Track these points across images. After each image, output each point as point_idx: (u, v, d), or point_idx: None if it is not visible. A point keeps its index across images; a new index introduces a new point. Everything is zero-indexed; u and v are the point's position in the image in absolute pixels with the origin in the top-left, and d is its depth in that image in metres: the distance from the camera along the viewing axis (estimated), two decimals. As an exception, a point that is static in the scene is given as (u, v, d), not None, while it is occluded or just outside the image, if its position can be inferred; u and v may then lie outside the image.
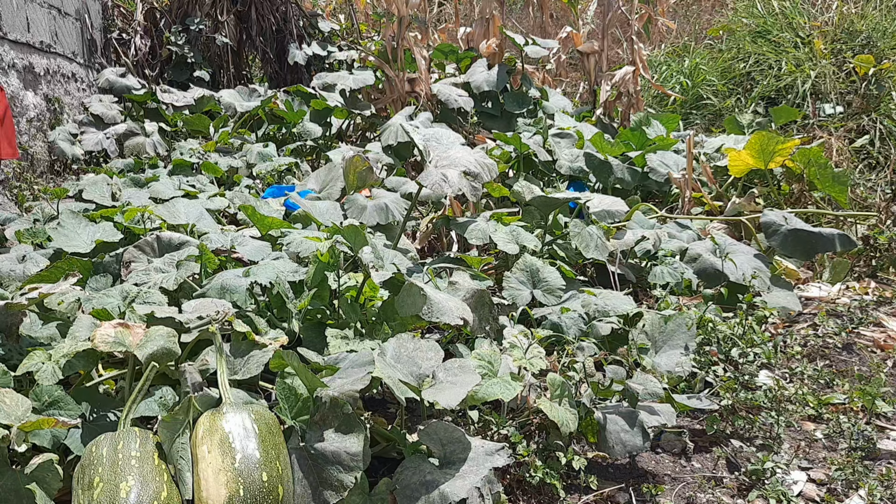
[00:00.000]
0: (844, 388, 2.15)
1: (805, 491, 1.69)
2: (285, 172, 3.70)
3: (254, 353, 1.56)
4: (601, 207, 2.91)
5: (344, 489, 1.31)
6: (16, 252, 2.27)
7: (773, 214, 2.85)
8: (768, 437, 1.89)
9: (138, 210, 2.50)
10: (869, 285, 3.05)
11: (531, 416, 1.73)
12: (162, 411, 1.48)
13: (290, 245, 2.05)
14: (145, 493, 1.23)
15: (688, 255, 2.67)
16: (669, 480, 1.73)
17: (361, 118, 4.64)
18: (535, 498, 1.60)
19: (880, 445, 1.87)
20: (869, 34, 5.29)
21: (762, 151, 3.30)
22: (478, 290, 1.95)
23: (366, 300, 1.89)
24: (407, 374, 1.52)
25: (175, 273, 1.92)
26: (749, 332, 2.15)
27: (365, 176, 2.70)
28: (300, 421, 1.38)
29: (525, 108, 4.47)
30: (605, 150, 3.68)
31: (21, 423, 1.28)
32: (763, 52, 5.61)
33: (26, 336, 1.72)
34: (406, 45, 4.53)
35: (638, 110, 4.69)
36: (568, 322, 2.15)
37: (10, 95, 3.61)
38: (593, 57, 4.89)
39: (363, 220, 2.63)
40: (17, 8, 3.71)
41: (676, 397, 1.86)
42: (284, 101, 4.61)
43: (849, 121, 4.80)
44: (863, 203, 3.75)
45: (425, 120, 3.78)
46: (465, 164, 2.39)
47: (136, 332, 1.51)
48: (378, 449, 1.58)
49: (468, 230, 2.59)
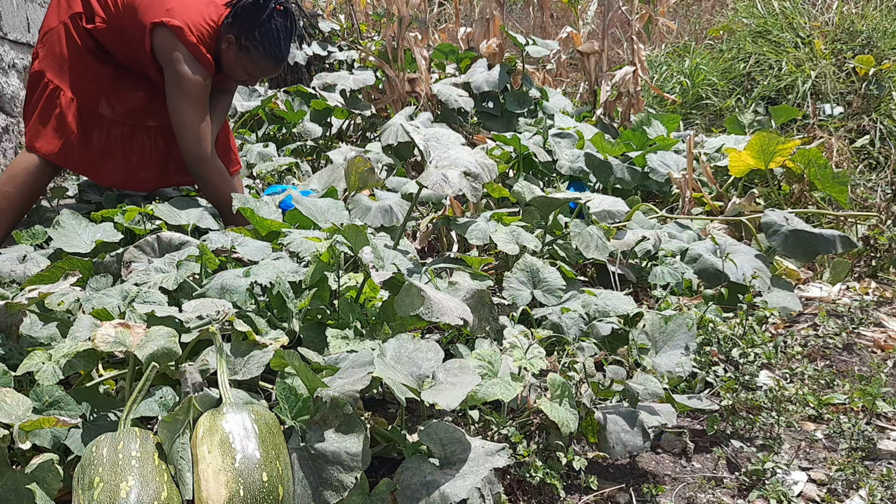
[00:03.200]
0: (845, 389, 2.15)
1: (805, 491, 1.69)
2: (285, 172, 3.70)
3: (254, 353, 1.56)
4: (601, 207, 2.90)
5: (344, 489, 1.31)
6: (16, 252, 2.27)
7: (773, 215, 2.85)
8: (769, 437, 1.89)
9: (138, 210, 2.50)
10: (869, 285, 3.05)
11: (531, 416, 1.73)
12: (162, 411, 1.48)
13: (290, 245, 2.05)
14: (145, 493, 1.23)
15: (688, 255, 2.67)
16: (670, 480, 1.73)
17: (361, 118, 4.64)
18: (536, 498, 1.60)
19: (881, 446, 1.87)
20: (869, 34, 5.29)
21: (763, 152, 3.30)
22: (478, 291, 1.95)
23: (366, 300, 1.89)
24: (407, 375, 1.52)
25: (175, 273, 1.92)
26: (749, 333, 2.16)
27: (366, 177, 2.70)
28: (300, 421, 1.38)
29: (525, 108, 4.47)
30: (606, 150, 3.68)
31: (22, 422, 1.28)
32: (763, 52, 5.61)
33: (26, 336, 1.72)
34: (406, 45, 4.53)
35: (638, 110, 4.69)
36: (568, 322, 2.15)
37: (10, 95, 3.61)
38: (593, 57, 4.89)
39: (367, 221, 2.63)
40: (17, 8, 3.72)
41: (677, 397, 1.86)
42: (284, 100, 4.61)
43: (849, 121, 4.80)
44: (863, 203, 3.75)
45: (425, 120, 3.78)
46: (465, 165, 2.39)
47: (136, 332, 1.51)
48: (378, 449, 1.58)
49: (468, 230, 2.59)
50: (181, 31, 2.53)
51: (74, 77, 2.66)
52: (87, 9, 2.63)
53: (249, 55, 2.65)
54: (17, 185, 2.65)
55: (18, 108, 3.70)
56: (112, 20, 2.63)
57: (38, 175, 2.69)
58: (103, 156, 2.78)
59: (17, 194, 2.65)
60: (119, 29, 2.64)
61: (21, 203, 2.68)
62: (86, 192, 3.13)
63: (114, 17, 2.63)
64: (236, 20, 2.60)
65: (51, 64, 2.65)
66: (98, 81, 2.70)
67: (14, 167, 2.70)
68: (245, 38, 2.61)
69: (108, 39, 2.67)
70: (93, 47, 2.67)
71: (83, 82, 2.68)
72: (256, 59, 2.65)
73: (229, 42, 2.63)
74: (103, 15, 2.63)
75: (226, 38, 2.63)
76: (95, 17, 2.63)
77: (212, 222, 2.49)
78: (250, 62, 2.67)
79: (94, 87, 2.69)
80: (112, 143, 2.78)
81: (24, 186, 2.66)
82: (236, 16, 2.60)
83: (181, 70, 2.55)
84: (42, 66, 2.65)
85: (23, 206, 2.70)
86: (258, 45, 2.62)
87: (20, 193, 2.66)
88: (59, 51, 2.64)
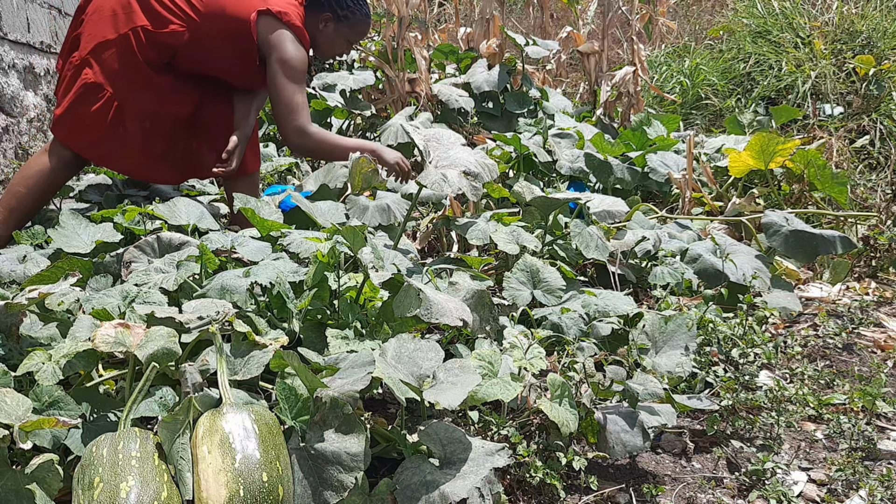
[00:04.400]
0: (845, 389, 2.15)
1: (805, 491, 1.69)
2: (285, 172, 3.70)
3: (254, 353, 1.56)
4: (601, 208, 2.91)
5: (344, 489, 1.31)
6: (16, 252, 2.27)
7: (774, 215, 2.85)
8: (769, 437, 1.89)
9: (139, 210, 2.50)
10: (869, 286, 3.05)
11: (531, 416, 1.73)
12: (162, 411, 1.48)
13: (290, 245, 2.05)
14: (145, 494, 1.23)
15: (688, 255, 2.67)
16: (670, 481, 1.73)
17: (361, 118, 4.63)
18: (536, 498, 1.60)
19: (881, 446, 1.87)
20: (869, 34, 5.30)
21: (763, 152, 3.30)
22: (478, 291, 1.95)
23: (366, 300, 1.89)
24: (407, 375, 1.52)
25: (175, 273, 1.92)
26: (749, 333, 2.16)
27: (370, 177, 2.70)
28: (300, 421, 1.38)
29: (525, 108, 4.47)
30: (606, 150, 3.68)
31: (22, 422, 1.28)
32: (763, 52, 5.61)
33: (26, 336, 1.72)
34: (406, 45, 4.53)
35: (638, 110, 4.69)
36: (568, 322, 2.15)
37: (11, 95, 3.61)
38: (593, 57, 4.89)
39: (365, 220, 2.63)
40: (18, 8, 3.72)
41: (677, 398, 1.87)
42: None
43: (849, 121, 4.80)
44: (863, 203, 3.75)
45: (425, 120, 3.79)
46: (465, 165, 2.39)
47: (136, 332, 1.51)
48: (378, 449, 1.58)
49: (468, 230, 2.59)
50: (286, 16, 2.68)
51: (133, 88, 2.66)
52: (153, 19, 2.62)
53: (348, 23, 2.85)
54: (30, 186, 2.67)
55: (18, 108, 3.70)
56: (191, 23, 2.65)
57: (51, 178, 2.71)
58: (158, 159, 2.80)
59: (28, 195, 2.67)
60: (199, 31, 2.66)
61: (31, 205, 2.70)
62: (86, 193, 3.13)
63: (192, 20, 2.65)
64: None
65: (108, 76, 2.62)
66: (155, 90, 2.70)
67: (28, 168, 2.71)
68: (340, 9, 2.82)
69: (182, 44, 2.67)
70: (153, 59, 2.66)
71: (142, 92, 2.67)
72: (354, 23, 2.86)
73: (326, 20, 2.83)
74: (179, 21, 2.64)
75: (321, 19, 2.82)
76: (169, 24, 2.63)
77: (212, 222, 2.49)
78: (349, 29, 2.87)
79: (151, 96, 2.69)
80: (168, 147, 2.80)
81: (35, 188, 2.68)
82: None
83: (290, 52, 2.68)
84: (98, 79, 2.62)
85: (32, 208, 2.71)
86: (353, 10, 2.84)
87: (31, 195, 2.68)
88: (118, 63, 2.62)
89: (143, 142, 2.72)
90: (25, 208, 2.68)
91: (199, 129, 2.85)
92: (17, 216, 2.67)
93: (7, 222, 2.65)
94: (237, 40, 2.69)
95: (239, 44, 2.70)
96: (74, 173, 2.83)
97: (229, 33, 2.68)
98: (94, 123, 2.65)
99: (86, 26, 2.67)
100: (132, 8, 2.62)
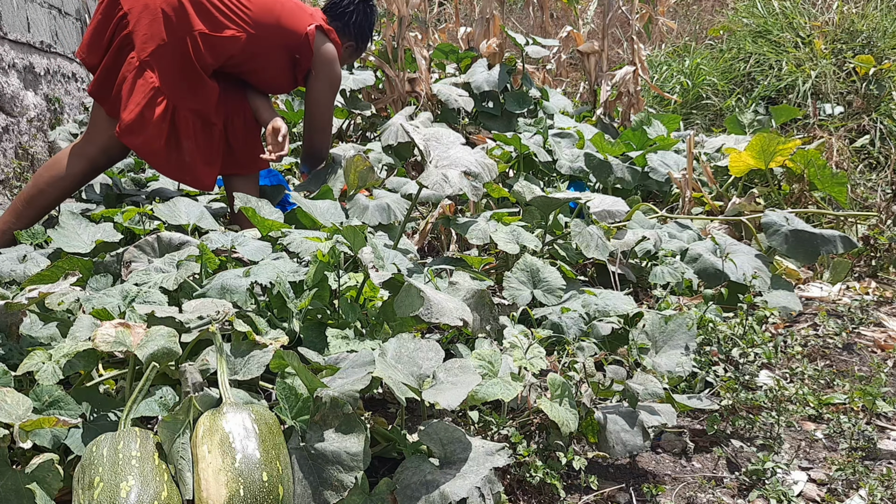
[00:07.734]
0: (845, 389, 2.15)
1: (805, 491, 1.69)
2: (285, 173, 3.70)
3: (254, 353, 1.56)
4: (601, 207, 2.91)
5: (344, 489, 1.31)
6: (16, 252, 2.27)
7: (774, 215, 2.85)
8: (769, 437, 1.89)
9: (138, 210, 2.50)
10: (869, 285, 3.05)
11: (531, 416, 1.73)
12: (162, 411, 1.48)
13: (290, 245, 2.05)
14: (145, 493, 1.23)
15: (688, 255, 2.67)
16: (670, 480, 1.73)
17: (361, 118, 4.63)
18: (536, 498, 1.60)
19: (881, 445, 1.87)
20: (869, 34, 5.30)
21: (763, 152, 3.30)
22: (478, 291, 1.95)
23: (366, 300, 1.89)
24: (407, 375, 1.52)
25: (175, 273, 1.92)
26: (749, 332, 2.16)
27: (365, 175, 2.71)
28: (300, 421, 1.38)
29: (525, 108, 4.47)
30: (606, 150, 3.68)
31: (22, 422, 1.28)
32: (763, 52, 5.61)
33: (26, 336, 1.72)
34: (406, 45, 4.53)
35: (638, 110, 4.69)
36: (568, 322, 2.15)
37: (10, 95, 3.61)
38: (593, 57, 4.89)
39: (365, 220, 2.63)
40: (17, 8, 3.72)
41: (677, 397, 1.87)
42: (285, 100, 4.61)
43: (849, 121, 4.80)
44: (863, 203, 3.75)
45: (425, 120, 3.78)
46: (465, 164, 2.39)
47: (136, 331, 1.51)
48: (378, 449, 1.58)
49: (469, 230, 2.59)
50: (332, 34, 2.91)
51: (186, 91, 2.67)
52: (208, 22, 2.64)
53: (360, 52, 3.18)
54: (53, 182, 2.72)
55: (18, 108, 3.70)
56: (247, 30, 2.70)
57: (81, 181, 2.77)
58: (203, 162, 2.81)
59: (51, 191, 2.72)
60: (254, 39, 2.72)
61: (52, 203, 2.75)
62: (86, 193, 3.13)
63: (247, 27, 2.70)
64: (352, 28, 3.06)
65: (164, 79, 2.62)
66: (207, 94, 2.72)
67: (55, 168, 2.74)
68: (362, 41, 3.13)
69: (238, 50, 2.71)
70: (208, 63, 2.68)
71: (192, 96, 2.68)
72: (363, 48, 3.19)
73: (347, 46, 3.10)
74: (235, 27, 2.68)
75: (345, 44, 3.08)
76: (225, 29, 2.67)
77: (212, 222, 2.49)
78: (357, 53, 3.19)
79: (203, 99, 2.71)
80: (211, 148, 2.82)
81: (58, 186, 2.73)
82: (354, 24, 3.06)
83: (336, 70, 2.91)
84: (157, 83, 2.61)
85: (51, 207, 2.76)
86: (368, 42, 3.17)
87: (55, 193, 2.74)
88: (174, 67, 2.63)
89: (195, 147, 2.75)
90: (43, 205, 2.73)
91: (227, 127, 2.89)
92: (36, 211, 2.72)
93: (24, 218, 2.69)
94: (289, 51, 2.81)
95: (291, 54, 2.82)
96: (97, 174, 2.86)
97: (282, 43, 2.79)
98: (158, 128, 2.65)
99: (138, 25, 2.61)
100: (186, 11, 2.61)
